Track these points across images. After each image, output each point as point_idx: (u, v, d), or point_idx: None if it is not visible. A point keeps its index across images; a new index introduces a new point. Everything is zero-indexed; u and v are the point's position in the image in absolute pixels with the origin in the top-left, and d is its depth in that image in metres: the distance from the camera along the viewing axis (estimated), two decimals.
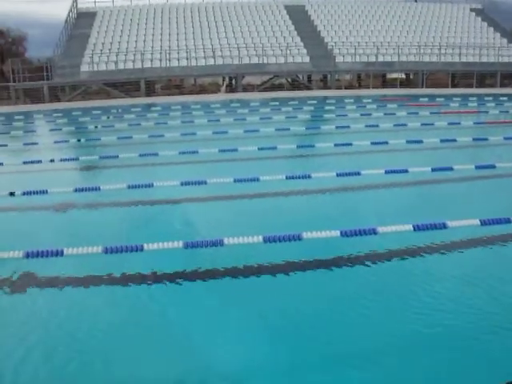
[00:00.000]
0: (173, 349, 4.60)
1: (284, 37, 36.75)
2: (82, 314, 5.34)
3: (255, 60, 34.05)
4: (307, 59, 34.38)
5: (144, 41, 35.76)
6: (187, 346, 4.61)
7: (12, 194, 9.60)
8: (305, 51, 34.95)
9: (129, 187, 9.50)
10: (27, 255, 6.58)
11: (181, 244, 6.50)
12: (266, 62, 34.07)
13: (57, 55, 34.04)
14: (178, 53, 33.99)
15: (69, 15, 37.83)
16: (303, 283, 5.76)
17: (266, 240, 6.53)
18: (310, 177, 9.77)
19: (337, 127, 16.47)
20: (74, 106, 26.97)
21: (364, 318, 4.92)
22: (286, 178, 9.71)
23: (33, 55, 45.54)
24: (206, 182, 9.54)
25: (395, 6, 42.16)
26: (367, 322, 4.87)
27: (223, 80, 37.36)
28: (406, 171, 9.85)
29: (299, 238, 6.53)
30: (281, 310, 5.16)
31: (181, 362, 4.39)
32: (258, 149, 12.71)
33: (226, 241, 6.51)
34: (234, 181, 9.52)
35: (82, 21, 38.31)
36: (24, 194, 9.63)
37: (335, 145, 12.83)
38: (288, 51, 34.27)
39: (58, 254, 6.59)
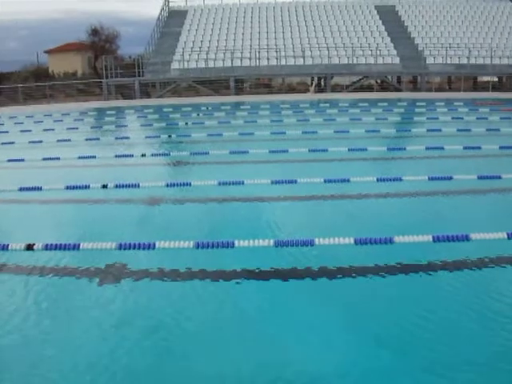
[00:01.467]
0: (257, 345, 4.63)
1: (374, 37, 36.36)
2: (168, 307, 5.43)
3: (344, 60, 33.80)
4: (397, 60, 33.90)
5: (234, 39, 36.04)
6: (272, 343, 4.63)
7: (105, 186, 9.84)
8: (395, 52, 34.49)
9: (219, 184, 9.59)
10: (120, 247, 6.72)
11: (271, 242, 6.52)
12: (355, 62, 33.78)
13: (148, 52, 34.70)
14: (268, 52, 34.11)
15: (161, 13, 38.52)
16: (392, 287, 5.68)
17: (358, 242, 6.47)
18: (401, 180, 9.62)
19: (428, 130, 16.17)
20: (164, 103, 27.43)
21: (452, 325, 4.83)
22: (377, 180, 9.60)
23: (125, 52, 46.70)
24: (296, 182, 9.54)
25: (489, 6, 41.01)
26: (454, 328, 4.78)
27: (312, 80, 37.24)
28: (499, 177, 9.60)
29: (391, 242, 6.45)
30: (369, 313, 5.11)
31: (265, 359, 4.41)
32: (348, 150, 12.60)
33: (316, 241, 6.48)
34: (325, 181, 9.48)
35: (174, 19, 38.92)
36: (116, 186, 9.87)
37: (426, 148, 12.60)
38: (378, 52, 33.89)
39: (151, 247, 6.72)
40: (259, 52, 33.75)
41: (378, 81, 37.06)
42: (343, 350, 4.49)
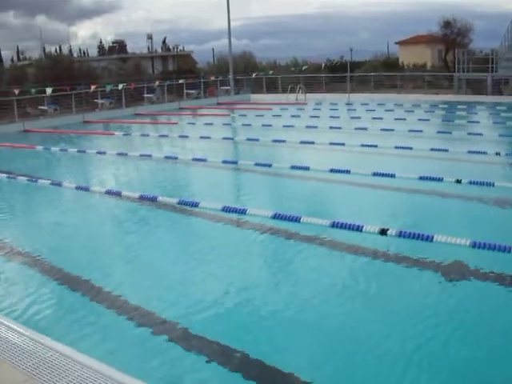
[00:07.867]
0: None
1: None
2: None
3: None
4: None
5: None
6: None
7: (459, 181, 9.81)
8: None
9: None
10: (474, 245, 6.68)
11: None
12: None
13: (503, 47, 33.48)
14: None
15: None
16: None
17: None
18: None
19: None
20: None
21: None
22: None
23: (477, 46, 45.60)
24: None
25: None
26: None
27: None
28: None
29: None
30: None
31: None
32: None
33: None
34: None
35: None
36: (470, 183, 9.80)
37: None
38: None
39: (506, 250, 6.54)
40: None
41: None
42: None
